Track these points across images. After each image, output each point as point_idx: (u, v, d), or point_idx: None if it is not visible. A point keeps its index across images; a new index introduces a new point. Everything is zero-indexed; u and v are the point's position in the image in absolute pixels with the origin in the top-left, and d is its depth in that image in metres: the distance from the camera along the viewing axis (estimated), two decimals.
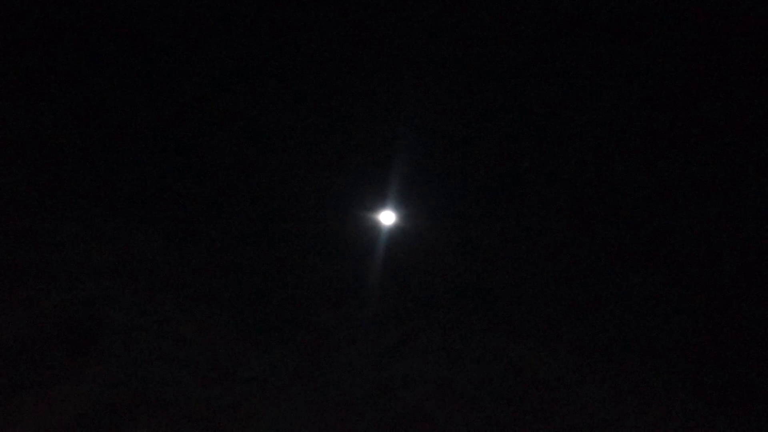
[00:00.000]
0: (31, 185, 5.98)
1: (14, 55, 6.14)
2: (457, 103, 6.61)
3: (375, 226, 6.51)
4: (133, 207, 6.26)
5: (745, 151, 6.43)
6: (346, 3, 6.18)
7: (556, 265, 6.73)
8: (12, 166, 5.96)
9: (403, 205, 6.54)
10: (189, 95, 6.45)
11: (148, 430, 5.22)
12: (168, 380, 5.52)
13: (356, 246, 6.50)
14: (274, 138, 6.57)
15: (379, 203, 6.50)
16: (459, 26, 6.36)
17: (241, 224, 6.46)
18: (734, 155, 6.48)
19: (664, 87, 6.49)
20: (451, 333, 6.16)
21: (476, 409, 5.54)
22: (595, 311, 6.41)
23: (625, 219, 6.77)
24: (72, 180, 6.12)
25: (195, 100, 6.44)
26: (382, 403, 5.52)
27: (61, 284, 5.80)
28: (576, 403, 5.70)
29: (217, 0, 6.17)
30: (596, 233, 6.77)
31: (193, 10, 6.20)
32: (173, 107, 6.44)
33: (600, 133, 6.59)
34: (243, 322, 5.97)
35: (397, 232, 6.54)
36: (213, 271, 6.18)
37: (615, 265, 6.67)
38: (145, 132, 6.39)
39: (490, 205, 6.76)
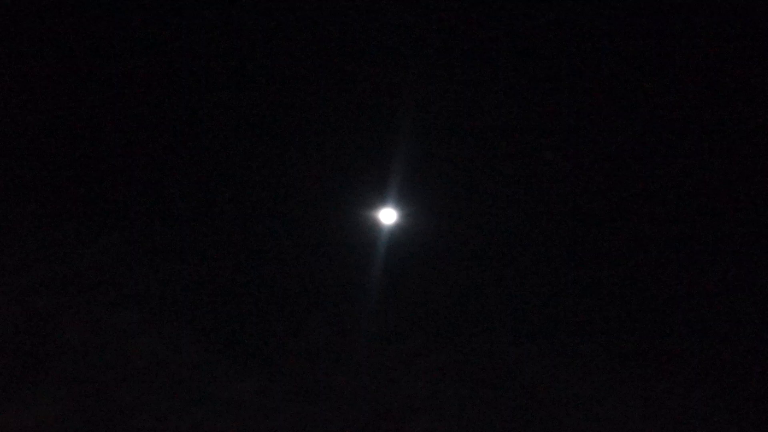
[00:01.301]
0: None
1: None
2: (464, 90, 6.44)
3: (374, 226, 6.18)
4: (92, 208, 5.81)
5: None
6: None
7: (578, 269, 6.32)
8: None
9: (405, 201, 6.23)
10: (161, 85, 6.12)
11: None
12: (132, 406, 4.99)
13: (352, 249, 6.12)
14: (254, 127, 6.20)
15: (379, 200, 6.17)
16: (467, 12, 6.24)
17: (217, 226, 5.98)
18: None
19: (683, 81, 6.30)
20: (462, 350, 5.64)
21: None
22: (625, 323, 5.98)
23: (648, 215, 6.45)
24: (20, 178, 5.68)
25: (167, 91, 6.11)
26: None
27: (8, 297, 5.36)
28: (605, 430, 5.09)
29: None
30: (619, 228, 6.46)
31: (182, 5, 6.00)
32: (139, 96, 6.09)
33: (615, 127, 6.41)
34: (220, 340, 5.45)
35: (398, 232, 6.20)
36: (184, 280, 5.69)
37: (644, 269, 6.24)
38: (103, 123, 5.98)
39: (502, 201, 6.48)
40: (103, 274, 5.55)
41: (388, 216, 6.19)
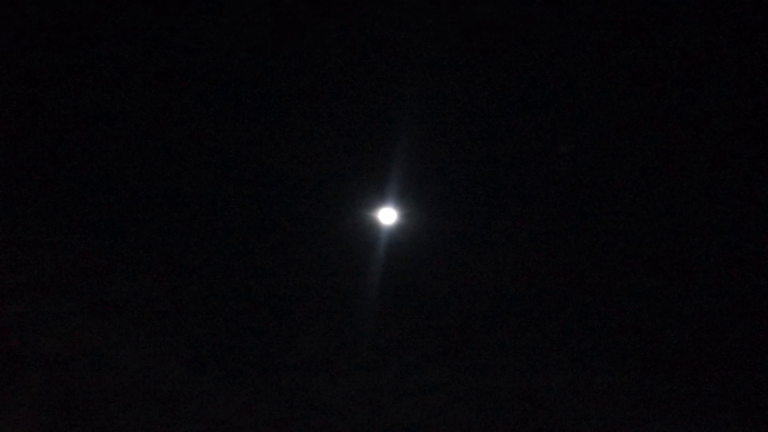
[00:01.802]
0: None
1: None
2: (466, 86, 6.27)
3: (373, 227, 6.04)
4: (66, 208, 5.55)
5: None
6: None
7: (591, 273, 6.17)
8: None
9: (405, 200, 6.10)
10: (145, 85, 5.88)
11: None
12: (109, 425, 4.74)
13: (349, 251, 5.96)
14: (247, 125, 5.98)
15: (378, 199, 6.02)
16: (468, 9, 6.08)
17: (203, 228, 5.73)
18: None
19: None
20: (467, 364, 5.43)
21: None
22: (642, 331, 5.84)
23: (669, 218, 6.28)
24: None
25: (153, 89, 5.88)
26: None
27: None
28: None
29: None
30: (632, 229, 6.29)
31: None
32: (124, 93, 5.83)
33: (624, 124, 6.23)
34: (205, 353, 5.22)
35: (398, 232, 6.08)
36: (166, 287, 5.45)
37: (666, 274, 6.09)
38: (81, 117, 5.80)
39: (507, 200, 6.34)
40: (78, 280, 5.32)
41: (387, 216, 6.04)
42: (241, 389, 4.97)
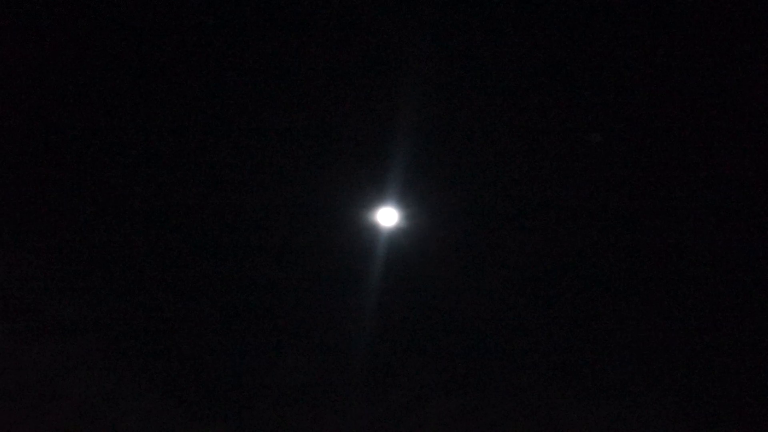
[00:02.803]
0: None
1: None
2: (469, 82, 6.10)
3: (371, 228, 5.75)
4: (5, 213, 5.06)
5: None
6: None
7: (601, 274, 5.90)
8: None
9: (407, 200, 5.85)
10: (122, 76, 5.41)
11: None
12: None
13: (346, 255, 5.63)
14: (240, 122, 5.64)
15: (377, 198, 5.73)
16: (470, 6, 5.95)
17: (170, 233, 5.24)
18: None
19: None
20: (479, 387, 5.06)
21: None
22: (664, 347, 5.52)
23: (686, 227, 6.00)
24: None
25: (133, 80, 5.42)
26: None
27: None
28: None
29: None
30: (637, 226, 6.06)
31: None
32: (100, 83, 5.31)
33: (634, 124, 5.98)
34: (172, 381, 4.76)
35: (400, 234, 5.82)
36: (126, 303, 4.96)
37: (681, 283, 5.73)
38: (28, 124, 5.27)
39: (514, 201, 6.12)
40: (22, 296, 4.86)
41: (387, 217, 5.76)
42: (217, 423, 4.54)
